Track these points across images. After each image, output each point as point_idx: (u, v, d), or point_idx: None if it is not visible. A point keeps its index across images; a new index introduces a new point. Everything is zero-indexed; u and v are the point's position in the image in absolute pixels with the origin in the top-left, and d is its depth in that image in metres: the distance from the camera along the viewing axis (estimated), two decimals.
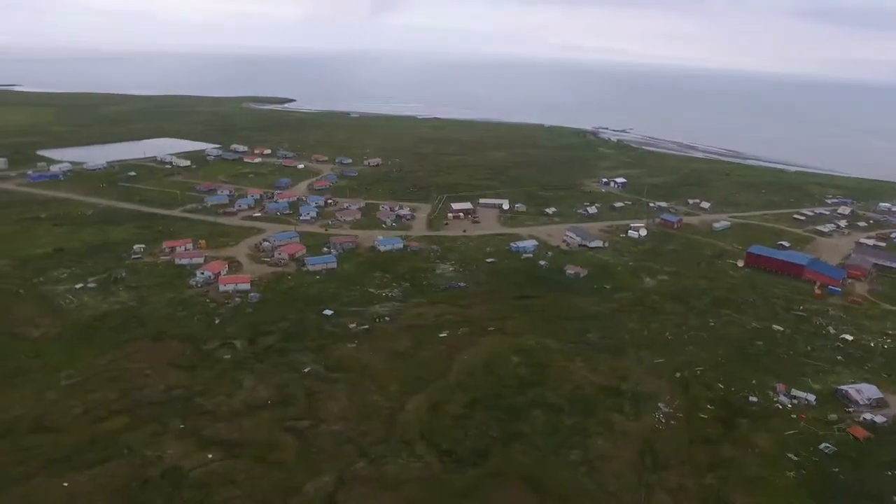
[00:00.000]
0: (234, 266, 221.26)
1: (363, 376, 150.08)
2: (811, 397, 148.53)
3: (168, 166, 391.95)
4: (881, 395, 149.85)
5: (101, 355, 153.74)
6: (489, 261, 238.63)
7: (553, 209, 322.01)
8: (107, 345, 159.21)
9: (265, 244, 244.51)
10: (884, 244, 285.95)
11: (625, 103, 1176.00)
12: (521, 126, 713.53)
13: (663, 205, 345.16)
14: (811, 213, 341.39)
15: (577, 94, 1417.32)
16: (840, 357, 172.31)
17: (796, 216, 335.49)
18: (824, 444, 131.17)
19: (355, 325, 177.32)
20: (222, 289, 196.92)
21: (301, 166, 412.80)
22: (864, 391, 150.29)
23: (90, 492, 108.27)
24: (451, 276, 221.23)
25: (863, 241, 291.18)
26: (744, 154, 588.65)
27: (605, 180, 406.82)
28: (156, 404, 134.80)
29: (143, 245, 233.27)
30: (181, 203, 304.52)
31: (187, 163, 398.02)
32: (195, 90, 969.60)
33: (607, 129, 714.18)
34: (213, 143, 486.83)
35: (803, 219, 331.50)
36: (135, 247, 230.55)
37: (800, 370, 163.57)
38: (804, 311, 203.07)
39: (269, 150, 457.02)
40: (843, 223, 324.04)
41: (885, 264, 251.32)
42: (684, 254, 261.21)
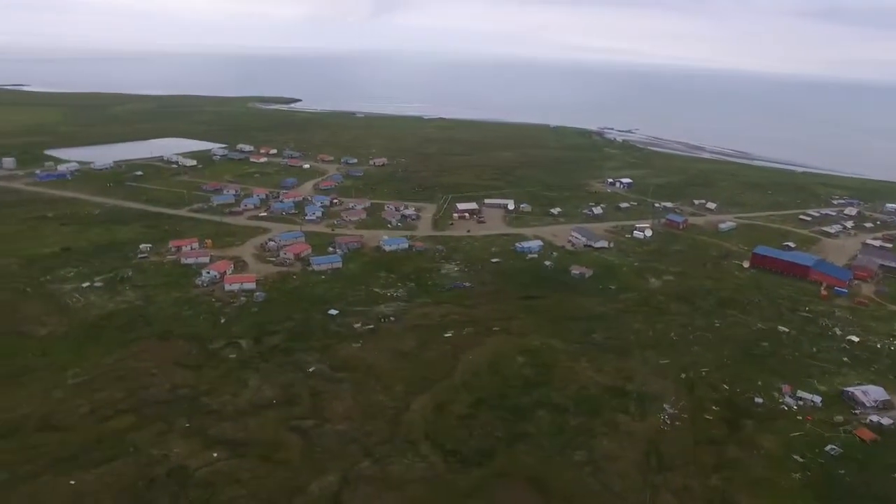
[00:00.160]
0: (240, 265, 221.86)
1: (368, 376, 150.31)
2: (817, 399, 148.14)
3: (174, 166, 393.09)
4: (888, 397, 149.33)
5: (107, 354, 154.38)
6: (494, 261, 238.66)
7: (558, 209, 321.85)
8: (113, 344, 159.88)
9: (271, 244, 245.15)
10: (890, 245, 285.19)
11: (629, 103, 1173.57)
12: (526, 126, 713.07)
13: (669, 205, 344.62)
14: (817, 214, 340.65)
15: (581, 94, 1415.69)
16: (846, 358, 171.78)
17: (802, 217, 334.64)
18: (830, 446, 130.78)
19: (360, 324, 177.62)
20: (228, 288, 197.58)
21: (307, 166, 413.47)
22: (870, 393, 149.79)
23: (97, 490, 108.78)
24: (456, 276, 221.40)
25: (869, 241, 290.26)
26: (749, 154, 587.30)
27: (610, 181, 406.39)
28: (162, 403, 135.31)
29: (150, 244, 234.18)
30: (187, 203, 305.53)
31: (193, 162, 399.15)
32: (201, 90, 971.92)
33: (613, 129, 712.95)
34: (220, 142, 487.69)
35: (809, 219, 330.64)
36: (141, 246, 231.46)
37: (805, 371, 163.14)
38: (810, 313, 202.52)
39: (274, 150, 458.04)
40: (849, 224, 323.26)
41: (892, 265, 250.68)
42: (690, 254, 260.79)
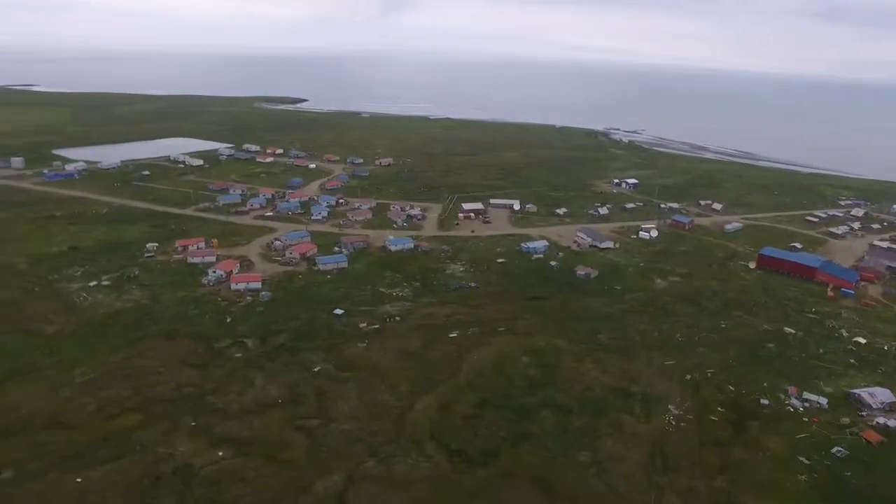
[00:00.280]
0: (246, 265, 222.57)
1: (373, 376, 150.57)
2: (823, 400, 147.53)
3: (181, 166, 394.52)
4: (895, 399, 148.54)
5: (114, 353, 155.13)
6: (500, 261, 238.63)
7: (564, 210, 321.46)
8: (120, 342, 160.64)
9: (277, 243, 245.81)
10: None
11: (633, 104, 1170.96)
12: (531, 126, 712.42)
13: (674, 206, 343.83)
14: (824, 215, 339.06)
15: (585, 94, 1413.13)
16: (853, 360, 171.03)
17: (809, 218, 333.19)
18: (836, 448, 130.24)
19: (366, 324, 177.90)
20: (234, 287, 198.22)
21: (313, 166, 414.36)
22: (877, 395, 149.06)
23: (103, 488, 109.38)
24: (461, 276, 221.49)
25: (876, 243, 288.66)
26: (755, 155, 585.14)
27: (616, 181, 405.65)
28: (168, 402, 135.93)
29: (156, 244, 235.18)
30: (194, 202, 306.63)
31: (200, 162, 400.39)
32: (207, 90, 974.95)
33: (619, 129, 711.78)
34: (226, 142, 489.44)
35: (816, 220, 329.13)
36: (148, 245, 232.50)
37: (812, 373, 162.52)
38: (816, 314, 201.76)
39: (281, 150, 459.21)
40: (856, 225, 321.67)
41: None
42: (696, 255, 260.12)
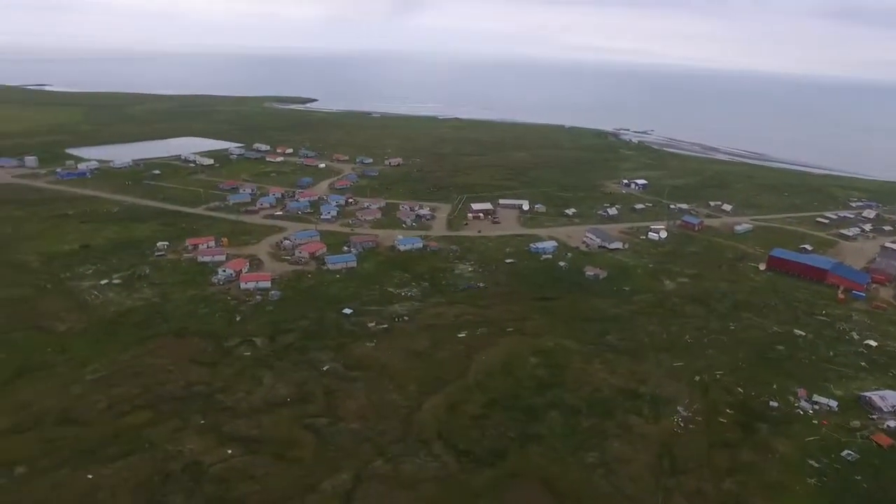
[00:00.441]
0: (256, 264, 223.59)
1: (382, 375, 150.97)
2: (833, 403, 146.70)
3: (192, 165, 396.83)
4: None
5: (124, 351, 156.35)
6: (508, 261, 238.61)
7: (573, 210, 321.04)
8: (130, 340, 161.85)
9: (286, 243, 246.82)
10: None
11: (645, 104, 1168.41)
12: (541, 127, 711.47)
13: (684, 207, 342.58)
14: (835, 217, 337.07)
15: (596, 94, 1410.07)
16: (863, 363, 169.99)
17: (820, 219, 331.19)
18: (846, 452, 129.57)
19: (374, 324, 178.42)
20: (243, 286, 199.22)
21: (322, 166, 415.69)
22: (888, 398, 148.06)
23: (114, 485, 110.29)
24: (470, 276, 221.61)
25: (888, 245, 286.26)
26: (766, 156, 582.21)
27: (625, 182, 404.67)
28: (177, 400, 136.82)
29: (167, 242, 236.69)
30: (204, 201, 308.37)
31: (210, 161, 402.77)
32: (218, 90, 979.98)
33: (628, 130, 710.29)
34: (236, 142, 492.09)
35: (827, 222, 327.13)
36: (158, 244, 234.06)
37: (822, 376, 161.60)
38: (827, 316, 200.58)
39: (291, 150, 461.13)
40: (867, 227, 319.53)
41: None
42: (705, 256, 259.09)
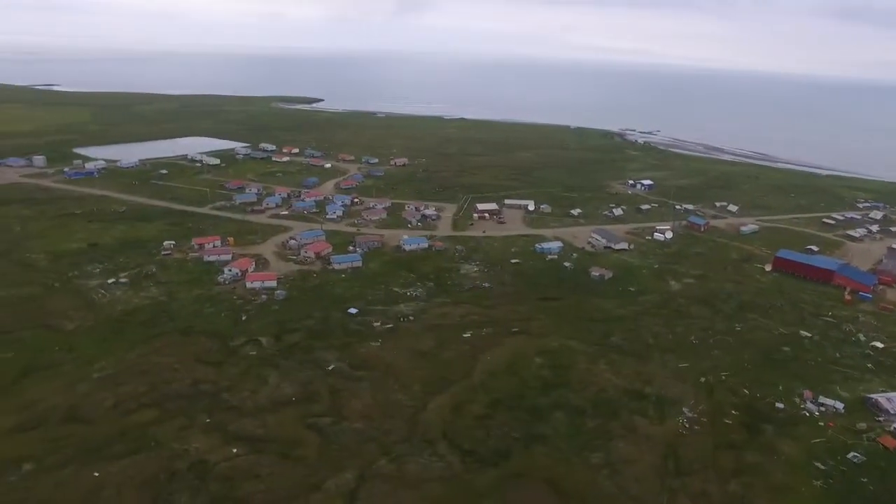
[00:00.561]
0: (262, 263, 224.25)
1: (387, 375, 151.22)
2: (839, 405, 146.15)
3: (198, 164, 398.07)
4: None
5: (131, 349, 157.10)
6: (514, 261, 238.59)
7: (578, 211, 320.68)
8: (137, 339, 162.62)
9: (292, 242, 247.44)
10: None
11: (649, 104, 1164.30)
12: (546, 127, 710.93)
13: (690, 207, 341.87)
14: (841, 218, 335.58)
15: (601, 95, 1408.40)
16: (870, 365, 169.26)
17: (826, 220, 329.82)
18: (853, 454, 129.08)
19: (380, 323, 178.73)
20: (249, 286, 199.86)
21: (328, 165, 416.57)
22: (894, 400, 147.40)
23: (120, 483, 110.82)
24: (475, 276, 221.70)
25: (895, 246, 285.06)
26: (772, 157, 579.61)
27: (631, 182, 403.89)
28: (183, 398, 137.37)
29: (173, 242, 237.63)
30: (210, 201, 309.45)
31: (217, 161, 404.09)
32: (224, 90, 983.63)
33: (634, 130, 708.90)
34: (243, 141, 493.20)
35: (833, 223, 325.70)
36: (165, 243, 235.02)
37: (828, 377, 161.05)
38: (833, 318, 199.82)
39: (296, 150, 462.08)
40: (874, 228, 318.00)
41: None
42: (711, 257, 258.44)
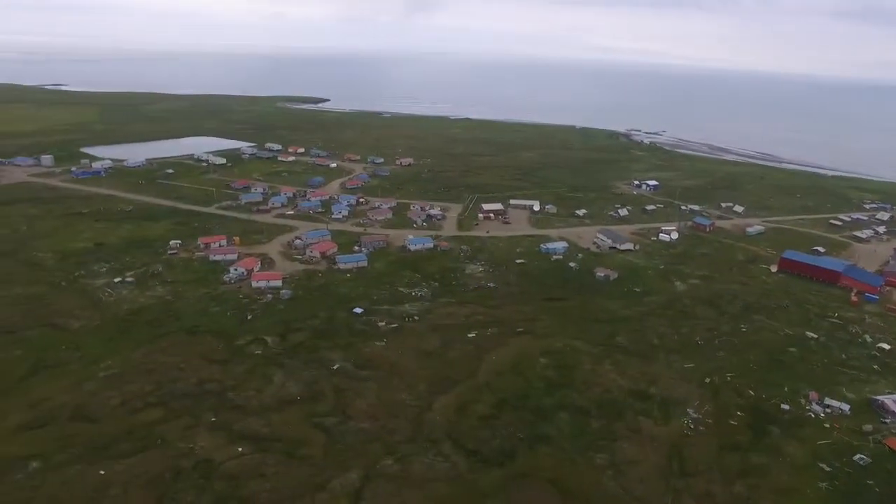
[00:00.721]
0: (267, 263, 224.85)
1: (392, 375, 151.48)
2: (845, 407, 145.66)
3: (204, 164, 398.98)
4: None
5: (137, 348, 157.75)
6: (519, 262, 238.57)
7: (584, 211, 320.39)
8: (143, 338, 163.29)
9: (297, 242, 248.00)
10: None
11: (656, 105, 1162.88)
12: (552, 127, 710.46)
13: (695, 208, 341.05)
14: (848, 219, 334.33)
15: (607, 95, 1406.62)
16: (876, 366, 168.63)
17: (833, 221, 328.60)
18: (859, 456, 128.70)
19: (385, 323, 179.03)
20: (255, 285, 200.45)
21: (334, 165, 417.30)
22: None
23: (126, 481, 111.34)
24: (480, 276, 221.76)
25: None
26: (778, 157, 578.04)
27: (636, 183, 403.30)
28: (189, 397, 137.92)
29: (179, 241, 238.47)
30: (216, 200, 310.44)
31: (223, 161, 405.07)
32: (231, 90, 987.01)
33: (640, 131, 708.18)
34: (249, 141, 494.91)
35: (840, 224, 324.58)
36: (171, 243, 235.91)
37: (834, 379, 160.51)
38: (839, 319, 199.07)
39: (302, 149, 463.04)
40: (881, 229, 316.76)
41: None
42: (716, 258, 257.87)
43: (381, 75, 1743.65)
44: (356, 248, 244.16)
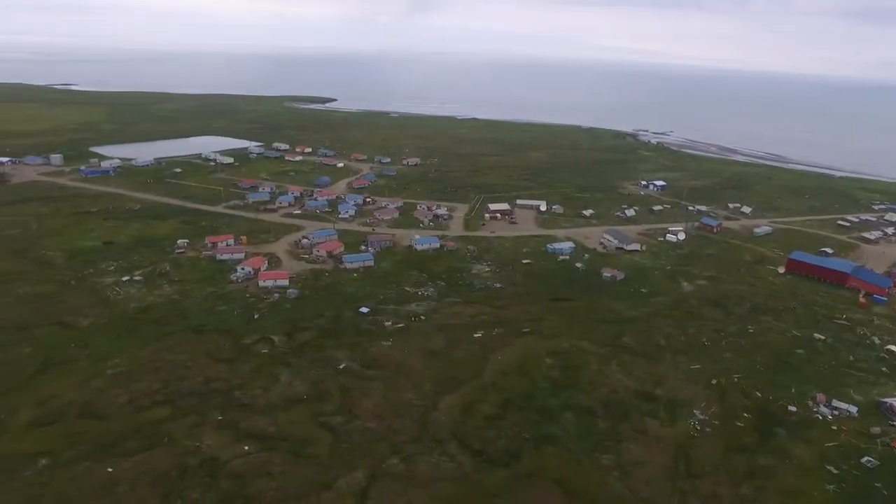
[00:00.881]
0: (274, 262, 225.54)
1: (398, 374, 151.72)
2: (853, 409, 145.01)
3: (212, 163, 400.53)
4: None
5: (144, 346, 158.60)
6: (525, 262, 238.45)
7: (590, 211, 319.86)
8: (150, 336, 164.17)
9: (304, 241, 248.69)
10: None
11: (663, 105, 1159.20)
12: (559, 127, 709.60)
13: (703, 208, 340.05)
14: (856, 220, 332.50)
15: (614, 95, 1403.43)
16: (884, 368, 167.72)
17: (841, 222, 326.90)
18: (866, 458, 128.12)
19: (391, 323, 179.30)
20: (262, 284, 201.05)
21: (341, 165, 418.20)
22: None
23: (133, 478, 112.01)
24: (487, 276, 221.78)
25: None
26: (786, 158, 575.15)
27: (643, 183, 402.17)
28: (196, 395, 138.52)
29: (187, 240, 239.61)
30: (224, 199, 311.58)
31: (230, 160, 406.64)
32: (238, 89, 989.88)
33: (647, 131, 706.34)
34: (256, 141, 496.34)
35: (848, 225, 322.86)
36: (178, 242, 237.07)
37: (841, 381, 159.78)
38: (847, 321, 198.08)
39: (309, 149, 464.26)
40: (890, 230, 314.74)
41: None
42: (723, 259, 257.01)
43: (387, 75, 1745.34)
44: (363, 247, 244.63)
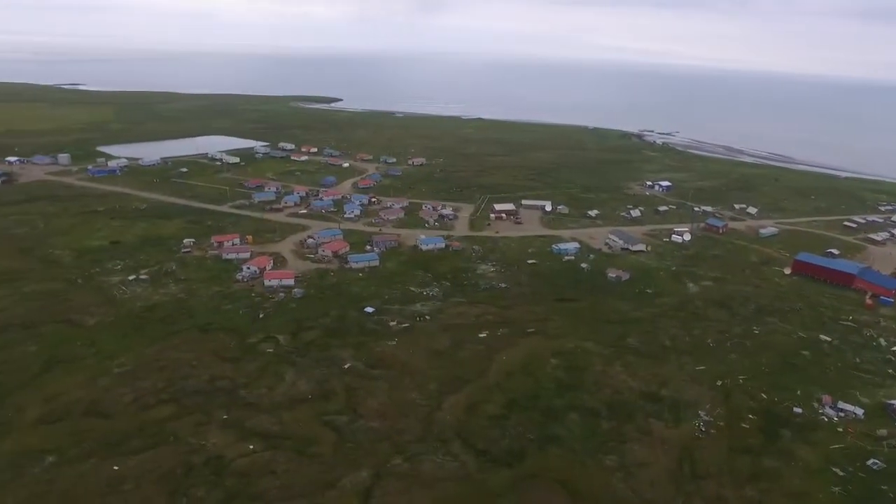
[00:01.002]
0: (279, 262, 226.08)
1: (402, 374, 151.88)
2: (859, 411, 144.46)
3: (218, 163, 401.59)
4: None
5: (150, 345, 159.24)
6: (530, 262, 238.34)
7: (596, 212, 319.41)
8: (156, 335, 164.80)
9: (310, 241, 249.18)
10: None
11: (669, 106, 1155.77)
12: (564, 127, 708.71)
13: (708, 209, 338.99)
14: (863, 221, 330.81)
15: (620, 95, 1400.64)
16: (891, 370, 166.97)
17: (847, 223, 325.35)
18: (872, 460, 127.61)
19: (396, 322, 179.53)
20: (267, 284, 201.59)
21: (346, 165, 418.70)
22: None
23: (138, 476, 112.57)
24: (492, 276, 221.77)
25: None
26: (792, 158, 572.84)
27: (649, 183, 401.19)
28: (201, 394, 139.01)
29: (193, 239, 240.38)
30: (230, 199, 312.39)
31: (236, 160, 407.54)
32: (244, 89, 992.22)
33: (653, 132, 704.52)
34: (262, 140, 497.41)
35: (854, 226, 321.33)
36: (185, 241, 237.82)
37: (847, 382, 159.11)
38: (853, 322, 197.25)
39: (315, 149, 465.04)
40: None
41: None
42: (729, 260, 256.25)
43: (393, 75, 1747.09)
44: (368, 247, 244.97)
